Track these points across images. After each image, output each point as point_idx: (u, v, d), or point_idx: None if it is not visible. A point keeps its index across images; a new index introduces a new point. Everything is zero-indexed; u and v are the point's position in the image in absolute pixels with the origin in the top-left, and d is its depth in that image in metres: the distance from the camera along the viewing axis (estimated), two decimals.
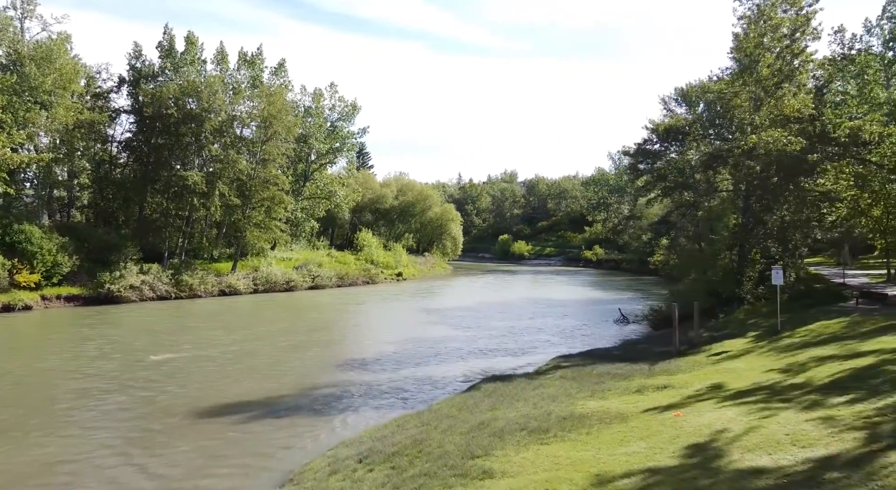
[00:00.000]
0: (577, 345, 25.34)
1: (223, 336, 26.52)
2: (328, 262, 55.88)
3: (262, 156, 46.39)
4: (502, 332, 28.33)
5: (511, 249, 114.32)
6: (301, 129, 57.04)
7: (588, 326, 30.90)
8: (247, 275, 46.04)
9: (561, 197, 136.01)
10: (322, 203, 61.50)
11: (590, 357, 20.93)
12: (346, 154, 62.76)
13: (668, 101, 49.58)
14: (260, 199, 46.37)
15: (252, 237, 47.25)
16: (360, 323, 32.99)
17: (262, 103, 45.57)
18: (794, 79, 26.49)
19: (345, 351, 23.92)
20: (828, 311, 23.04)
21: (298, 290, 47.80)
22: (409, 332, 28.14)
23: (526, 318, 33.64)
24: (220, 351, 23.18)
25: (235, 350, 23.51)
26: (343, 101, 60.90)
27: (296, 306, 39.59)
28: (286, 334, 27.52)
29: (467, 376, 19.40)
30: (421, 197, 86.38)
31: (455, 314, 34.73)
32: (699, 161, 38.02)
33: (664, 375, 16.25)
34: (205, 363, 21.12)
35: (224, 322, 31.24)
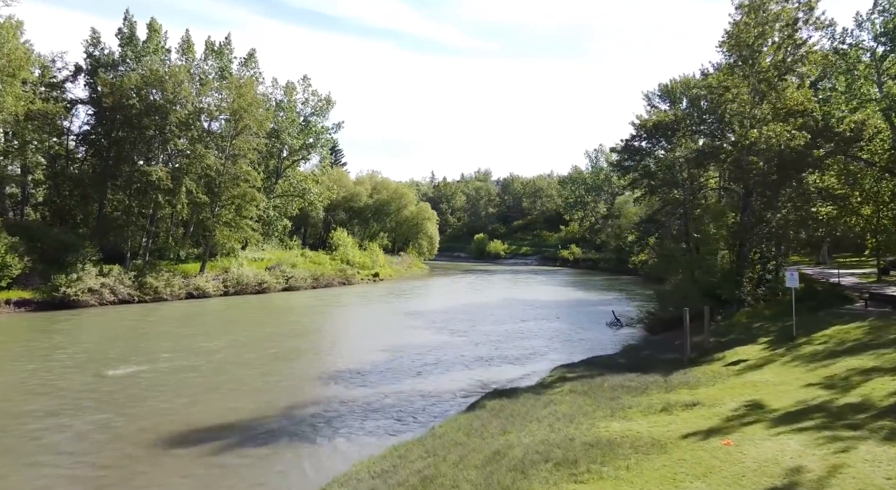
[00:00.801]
0: (576, 351, 23.82)
1: (190, 345, 24.28)
2: (302, 262, 53.55)
3: (232, 151, 43.91)
4: (495, 338, 26.67)
5: (487, 249, 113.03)
6: (273, 124, 54.60)
7: (581, 330, 29.45)
8: (216, 276, 43.55)
9: (536, 196, 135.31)
10: (295, 201, 59.10)
11: (594, 366, 19.38)
12: (319, 150, 60.37)
13: (652, 97, 48.56)
14: (230, 197, 43.88)
15: (222, 236, 44.76)
16: (340, 328, 30.97)
17: (230, 95, 43.07)
18: (796, 71, 25.36)
19: (328, 361, 21.93)
20: (838, 315, 21.96)
21: (271, 292, 45.49)
22: (397, 338, 26.27)
23: (516, 322, 32.05)
24: (186, 363, 20.99)
25: (204, 362, 21.34)
26: (316, 95, 58.59)
27: (270, 310, 37.34)
28: (260, 342, 25.40)
29: (466, 390, 17.65)
30: (396, 195, 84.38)
31: (441, 318, 32.95)
32: (689, 158, 36.99)
33: (685, 389, 14.77)
34: (169, 378, 18.94)
35: (192, 329, 28.91)
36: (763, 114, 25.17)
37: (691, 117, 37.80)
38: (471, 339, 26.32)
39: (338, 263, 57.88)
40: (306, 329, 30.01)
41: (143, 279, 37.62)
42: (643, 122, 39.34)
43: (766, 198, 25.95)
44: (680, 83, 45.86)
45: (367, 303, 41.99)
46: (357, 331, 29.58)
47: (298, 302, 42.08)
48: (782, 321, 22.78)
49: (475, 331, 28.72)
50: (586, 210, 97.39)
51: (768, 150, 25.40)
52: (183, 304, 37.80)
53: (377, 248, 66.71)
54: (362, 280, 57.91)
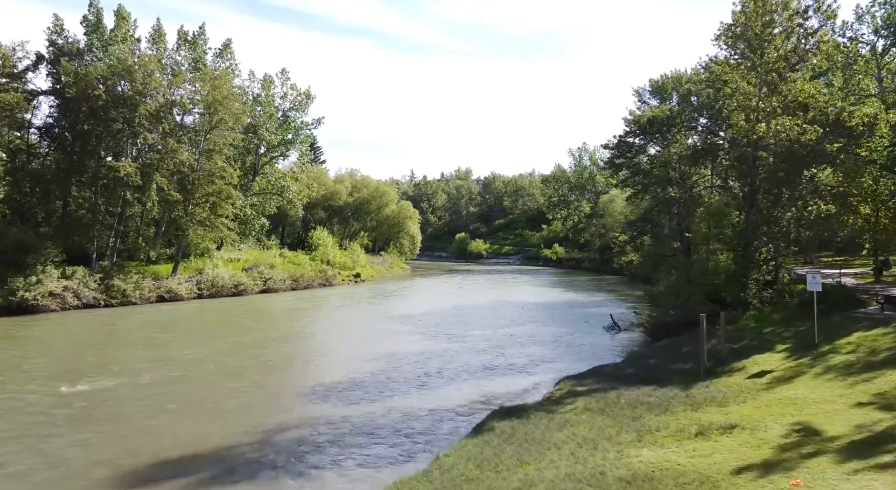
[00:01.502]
0: (578, 359, 22.31)
1: (159, 356, 22.25)
2: (281, 262, 51.40)
3: (207, 146, 41.62)
4: (489, 345, 25.04)
5: (469, 248, 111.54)
6: (250, 119, 52.31)
7: (578, 335, 27.99)
8: (189, 278, 41.27)
9: (517, 194, 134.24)
10: (273, 199, 56.84)
11: (603, 377, 17.87)
12: (298, 146, 58.14)
13: (643, 92, 47.42)
14: (204, 194, 41.59)
15: (195, 236, 42.47)
16: (325, 334, 29.01)
17: (205, 88, 40.78)
18: (806, 61, 24.15)
19: (314, 373, 20.08)
20: (854, 319, 20.78)
21: (249, 295, 43.35)
22: (386, 345, 24.50)
23: (510, 325, 30.48)
24: (153, 378, 18.99)
25: (174, 375, 19.36)
26: (295, 90, 56.36)
27: (247, 314, 35.25)
28: (238, 352, 23.44)
29: (468, 405, 15.99)
30: (377, 193, 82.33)
31: (430, 322, 31.24)
32: (684, 155, 35.83)
33: (714, 407, 13.31)
34: (132, 396, 16.99)
35: (162, 336, 26.80)
36: (772, 107, 23.89)
37: (686, 113, 36.66)
38: (466, 346, 24.66)
39: (318, 264, 55.83)
40: (288, 335, 28.06)
41: (110, 282, 35.25)
42: (637, 118, 38.18)
43: (775, 195, 24.72)
44: (671, 79, 44.74)
45: (351, 305, 40.10)
46: (344, 337, 27.69)
47: (278, 305, 40.03)
48: (795, 326, 21.56)
49: (469, 336, 27.08)
50: (570, 209, 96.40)
51: (777, 144, 24.19)
52: (153, 308, 35.53)
53: (358, 248, 64.73)
54: (343, 281, 55.94)
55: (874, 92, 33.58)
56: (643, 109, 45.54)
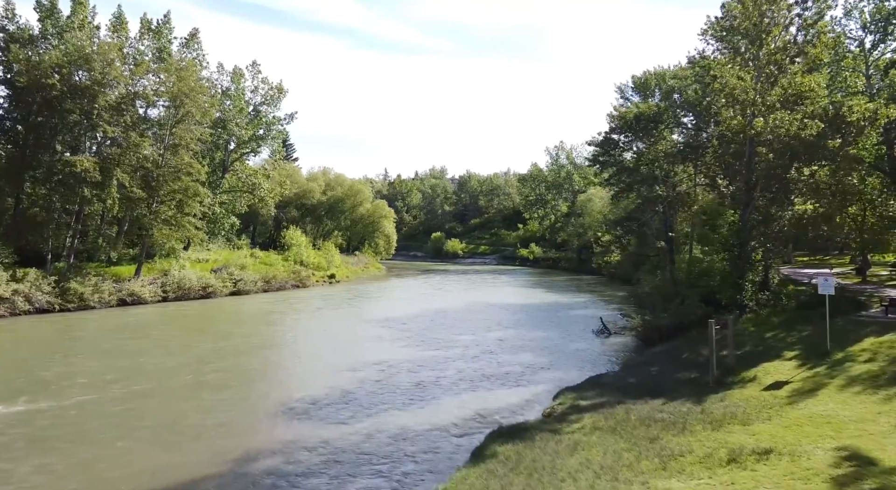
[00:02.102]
0: (572, 366, 21.01)
1: (114, 367, 20.27)
2: (252, 263, 49.23)
3: (172, 140, 39.32)
4: (476, 352, 23.57)
5: (444, 248, 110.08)
6: (219, 113, 49.99)
7: (569, 339, 26.71)
8: (154, 280, 38.95)
9: (493, 194, 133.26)
10: (244, 197, 54.52)
11: (605, 389, 16.56)
12: (270, 143, 55.87)
13: (625, 89, 46.48)
14: (170, 191, 39.28)
15: (161, 236, 40.09)
16: (301, 341, 27.14)
17: (170, 79, 38.48)
18: (806, 54, 23.23)
19: (290, 386, 18.33)
20: (859, 323, 19.93)
21: (218, 297, 41.17)
22: (368, 353, 22.86)
23: (494, 330, 29.08)
24: (106, 394, 17.10)
25: (129, 392, 17.45)
26: (267, 84, 54.05)
27: (215, 318, 33.19)
28: (202, 362, 21.56)
29: (463, 424, 14.49)
30: (351, 192, 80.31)
31: (411, 327, 29.66)
32: (671, 152, 34.85)
33: (737, 425, 12.05)
34: (77, 417, 15.09)
35: (119, 345, 24.69)
36: (772, 100, 22.90)
37: (674, 108, 35.67)
38: (454, 353, 23.14)
39: (291, 264, 53.74)
40: (261, 343, 26.17)
41: (66, 285, 32.83)
42: (623, 114, 37.07)
43: (773, 193, 23.78)
44: (654, 75, 43.89)
45: (328, 308, 38.25)
46: (324, 344, 25.86)
47: (250, 308, 37.99)
48: (797, 331, 20.62)
49: (456, 341, 25.57)
50: (547, 208, 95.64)
51: (776, 140, 23.22)
52: (114, 312, 33.21)
53: (332, 248, 62.73)
54: (318, 282, 53.94)
55: (862, 89, 33.04)
56: (627, 106, 44.59)
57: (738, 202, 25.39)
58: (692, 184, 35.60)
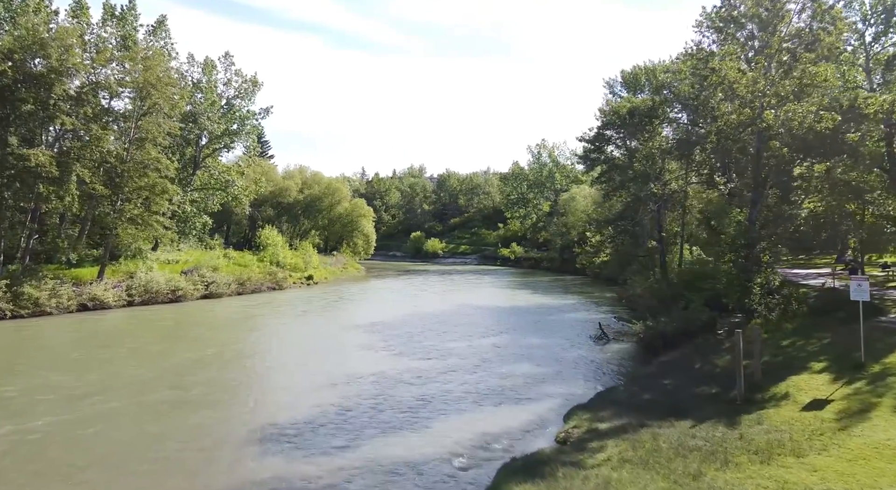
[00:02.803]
0: (576, 378, 19.32)
1: (84, 381, 18.05)
2: (225, 264, 46.76)
3: (138, 134, 36.75)
4: (473, 361, 21.73)
5: (424, 247, 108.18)
6: (189, 106, 47.42)
7: (566, 346, 25.02)
8: (119, 283, 36.39)
9: (473, 193, 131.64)
10: (217, 195, 51.90)
11: (619, 407, 14.89)
12: (244, 138, 53.28)
13: (614, 84, 45.09)
14: (135, 188, 36.69)
15: (126, 236, 37.53)
16: (279, 352, 24.80)
17: (135, 68, 35.91)
18: (822, 41, 21.87)
19: (267, 408, 16.22)
20: (884, 330, 18.55)
21: (188, 301, 38.74)
22: (353, 366, 20.87)
23: (487, 336, 27.30)
24: (74, 413, 14.96)
25: (100, 411, 15.28)
26: (241, 76, 51.58)
27: (184, 325, 30.83)
28: (177, 375, 19.39)
29: (468, 455, 12.58)
30: (329, 190, 78.00)
31: (400, 333, 27.70)
32: (668, 147, 33.50)
33: (790, 458, 10.43)
34: (44, 441, 12.96)
35: (87, 355, 22.34)
36: (786, 91, 21.50)
37: (668, 103, 34.29)
38: (448, 364, 21.25)
39: (266, 265, 51.34)
40: (238, 352, 23.92)
41: (18, 289, 30.17)
42: (615, 108, 35.59)
43: (785, 190, 22.42)
44: (644, 70, 42.55)
45: (307, 313, 36.05)
46: (304, 354, 23.65)
47: (222, 313, 35.66)
48: (816, 339, 19.20)
49: (448, 351, 23.69)
50: (529, 207, 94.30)
51: (787, 133, 21.85)
52: (73, 319, 30.68)
53: (310, 248, 60.37)
54: (295, 284, 51.64)
55: (862, 84, 31.99)
56: (617, 101, 43.17)
57: (745, 200, 23.99)
58: (686, 182, 34.30)
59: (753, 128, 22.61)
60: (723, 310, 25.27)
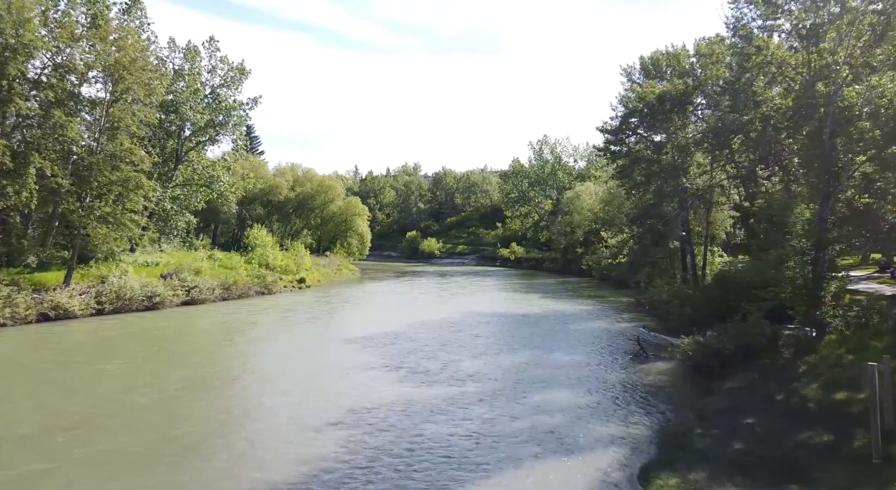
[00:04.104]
0: (631, 413, 15.70)
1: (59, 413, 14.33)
2: (209, 266, 42.89)
3: (109, 122, 32.87)
4: (492, 388, 18.08)
5: (420, 247, 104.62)
6: (171, 96, 43.55)
7: (600, 365, 21.43)
8: (87, 289, 32.48)
9: (470, 191, 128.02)
10: (201, 192, 48.00)
11: (713, 465, 11.29)
12: (231, 131, 49.29)
13: (632, 71, 41.58)
14: (107, 183, 32.81)
15: (97, 236, 33.62)
16: (263, 376, 20.86)
17: (105, 48, 32.03)
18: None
19: (244, 464, 12.53)
20: None
21: (167, 308, 34.92)
22: (349, 394, 17.17)
23: (504, 352, 23.66)
24: (50, 459, 11.26)
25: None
26: (226, 63, 47.66)
27: (157, 339, 26.98)
28: (114, 415, 15.63)
29: None
30: (322, 188, 74.29)
31: (402, 349, 24.01)
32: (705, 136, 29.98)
33: None
34: None
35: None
36: (878, 61, 17.99)
37: (704, 87, 30.70)
38: (464, 392, 17.56)
39: (255, 268, 47.52)
40: (209, 379, 19.94)
41: None
42: (642, 95, 32.01)
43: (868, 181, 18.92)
44: (667, 55, 39.05)
45: (297, 323, 32.26)
46: (291, 380, 19.63)
47: (203, 323, 31.88)
48: None
49: (457, 373, 20.01)
50: (530, 205, 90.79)
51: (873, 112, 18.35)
52: (29, 331, 26.81)
53: (302, 249, 56.54)
54: (285, 287, 47.87)
55: None
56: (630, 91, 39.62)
57: (816, 194, 20.44)
58: (724, 175, 30.82)
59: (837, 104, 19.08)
60: (780, 320, 21.80)
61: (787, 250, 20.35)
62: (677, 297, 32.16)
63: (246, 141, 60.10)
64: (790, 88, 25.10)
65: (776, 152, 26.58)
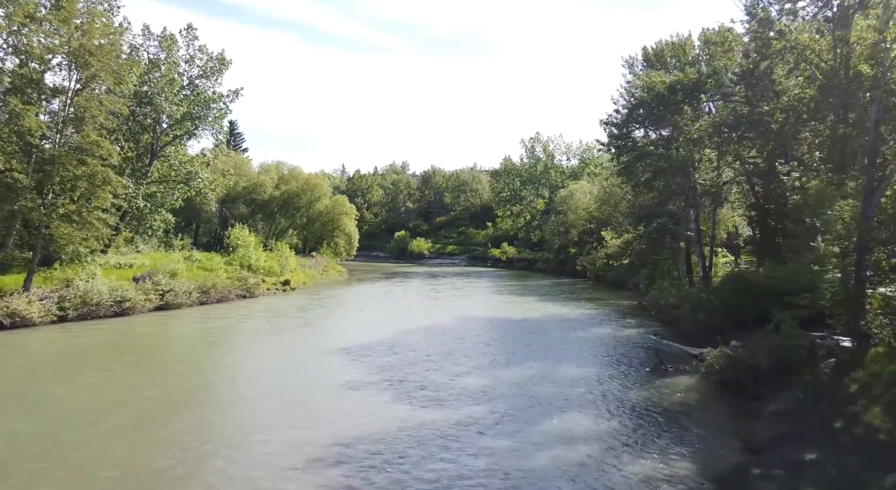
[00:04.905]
0: (666, 445, 13.43)
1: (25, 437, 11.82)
2: (187, 268, 40.19)
3: (74, 112, 30.20)
4: (504, 408, 15.76)
5: (409, 248, 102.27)
6: (147, 87, 40.85)
7: (617, 381, 19.21)
8: (49, 293, 29.80)
9: (460, 190, 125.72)
10: (178, 189, 45.26)
11: None
12: (211, 124, 46.50)
13: (634, 63, 39.51)
14: (71, 178, 30.13)
15: (61, 235, 30.91)
16: (246, 392, 18.13)
17: (68, 30, 29.35)
18: None
19: None
20: None
21: (138, 314, 32.29)
22: (335, 423, 14.74)
23: (509, 364, 21.37)
24: None
25: None
26: (205, 53, 44.94)
27: (121, 350, 24.35)
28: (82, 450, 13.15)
29: None
30: (308, 186, 71.67)
31: (392, 362, 21.61)
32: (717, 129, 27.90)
33: None
34: None
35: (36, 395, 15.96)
36: None
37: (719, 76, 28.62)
38: (464, 418, 15.20)
39: (236, 269, 44.96)
40: (189, 397, 17.46)
41: None
42: (650, 84, 29.89)
43: None
44: (672, 46, 37.02)
45: (281, 330, 29.72)
46: (277, 400, 16.92)
47: (175, 330, 29.33)
48: None
49: (458, 393, 17.64)
50: (522, 204, 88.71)
51: None
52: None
53: (287, 249, 53.92)
54: (268, 290, 45.31)
55: None
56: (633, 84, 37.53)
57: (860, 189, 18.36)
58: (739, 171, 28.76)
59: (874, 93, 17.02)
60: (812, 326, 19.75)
61: (826, 252, 18.25)
62: (687, 301, 30.16)
63: (227, 136, 57.29)
64: (813, 77, 23.16)
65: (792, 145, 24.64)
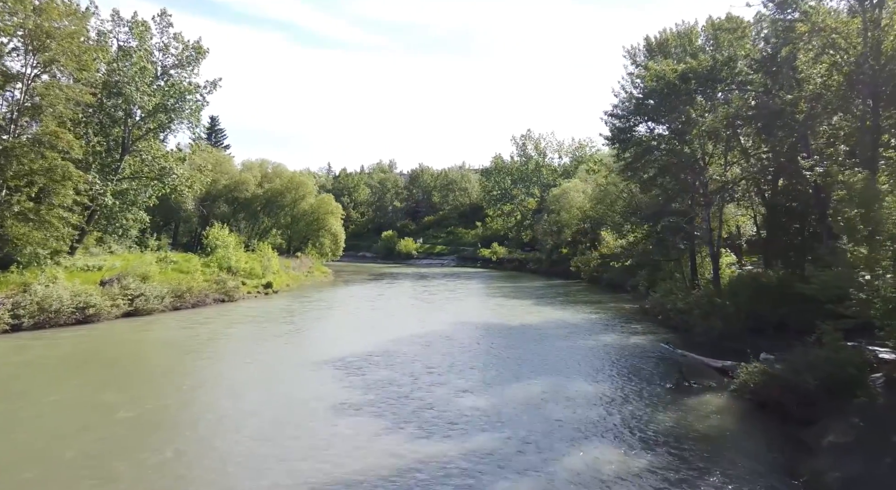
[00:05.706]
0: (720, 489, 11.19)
1: None
2: (159, 271, 37.40)
3: (32, 99, 27.51)
4: (522, 437, 13.41)
5: (397, 248, 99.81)
6: (117, 77, 38.05)
7: (637, 400, 16.97)
8: (2, 299, 27.05)
9: (448, 189, 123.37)
10: (151, 186, 42.47)
11: None
12: (187, 118, 43.74)
13: (636, 53, 37.40)
14: (27, 173, 27.46)
15: (17, 235, 28.24)
16: (224, 418, 15.92)
17: (23, 9, 26.66)
18: None
19: None
20: None
21: (104, 321, 29.60)
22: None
23: (510, 380, 19.06)
24: None
25: None
26: (181, 41, 42.22)
27: (81, 364, 21.69)
28: None
29: None
30: (292, 184, 69.14)
31: (382, 378, 19.20)
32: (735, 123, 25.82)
33: None
34: None
35: None
36: None
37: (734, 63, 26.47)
38: (474, 447, 12.86)
39: (215, 271, 42.26)
40: (157, 422, 15.01)
41: None
42: (659, 74, 27.73)
43: None
44: (678, 35, 34.98)
45: (256, 339, 27.13)
46: (260, 425, 14.53)
47: (143, 339, 26.69)
48: None
49: (456, 417, 15.27)
50: (513, 203, 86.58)
51: None
52: None
53: (269, 250, 51.31)
54: (249, 293, 42.65)
55: None
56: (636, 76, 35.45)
57: None
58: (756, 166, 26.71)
59: None
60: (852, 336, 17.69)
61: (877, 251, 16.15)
62: (698, 306, 28.12)
63: (207, 131, 54.50)
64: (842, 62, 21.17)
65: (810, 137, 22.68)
